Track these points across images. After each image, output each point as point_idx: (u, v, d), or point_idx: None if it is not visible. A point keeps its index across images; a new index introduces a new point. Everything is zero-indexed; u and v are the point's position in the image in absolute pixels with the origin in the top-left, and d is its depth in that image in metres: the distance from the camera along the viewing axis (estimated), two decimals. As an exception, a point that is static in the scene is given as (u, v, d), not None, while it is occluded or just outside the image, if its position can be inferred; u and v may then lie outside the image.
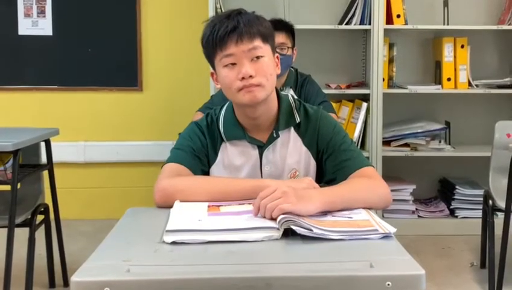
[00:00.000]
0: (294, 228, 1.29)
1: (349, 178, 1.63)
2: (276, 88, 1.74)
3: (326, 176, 1.72)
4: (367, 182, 1.61)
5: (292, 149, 1.74)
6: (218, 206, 1.52)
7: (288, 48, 3.08)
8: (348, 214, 1.44)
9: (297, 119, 1.75)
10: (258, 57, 1.62)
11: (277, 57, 1.72)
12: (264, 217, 1.38)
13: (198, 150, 1.73)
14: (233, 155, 1.74)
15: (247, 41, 1.61)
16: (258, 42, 1.62)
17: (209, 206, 1.51)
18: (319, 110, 1.79)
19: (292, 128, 1.75)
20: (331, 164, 1.70)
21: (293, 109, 1.76)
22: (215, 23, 1.63)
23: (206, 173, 1.75)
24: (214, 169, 1.75)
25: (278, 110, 1.74)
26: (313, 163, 1.74)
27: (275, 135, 1.73)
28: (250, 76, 1.61)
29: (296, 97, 1.84)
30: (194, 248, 1.24)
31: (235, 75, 1.62)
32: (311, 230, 1.28)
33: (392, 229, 1.31)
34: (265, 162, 1.73)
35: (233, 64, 1.63)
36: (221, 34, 1.60)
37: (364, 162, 1.69)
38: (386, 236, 1.30)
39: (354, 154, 1.70)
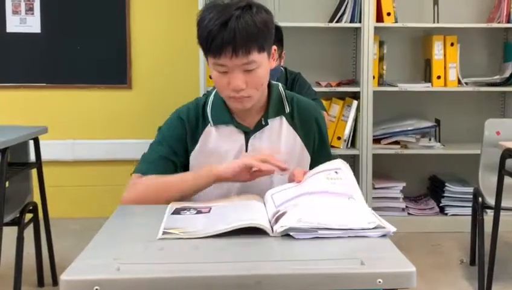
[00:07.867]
0: (292, 234, 1.25)
1: None
2: None
3: None
4: None
5: (284, 139, 1.71)
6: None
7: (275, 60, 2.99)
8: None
9: (287, 109, 1.73)
10: (251, 69, 1.57)
11: (274, 50, 1.66)
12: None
13: (175, 146, 1.70)
14: (218, 141, 1.70)
15: (242, 55, 1.53)
16: (253, 55, 1.55)
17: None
18: (317, 107, 1.79)
19: (284, 118, 1.72)
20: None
21: (283, 98, 1.74)
22: (211, 29, 1.52)
23: (186, 164, 1.71)
24: (193, 157, 1.71)
25: (268, 98, 1.72)
26: (306, 156, 1.73)
27: (263, 123, 1.70)
28: (241, 89, 1.58)
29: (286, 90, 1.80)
30: (184, 245, 1.24)
31: (226, 83, 1.59)
32: (315, 231, 1.25)
33: (392, 229, 1.28)
34: (251, 150, 1.69)
35: (225, 72, 1.58)
36: (216, 44, 1.52)
37: None
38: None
39: None
